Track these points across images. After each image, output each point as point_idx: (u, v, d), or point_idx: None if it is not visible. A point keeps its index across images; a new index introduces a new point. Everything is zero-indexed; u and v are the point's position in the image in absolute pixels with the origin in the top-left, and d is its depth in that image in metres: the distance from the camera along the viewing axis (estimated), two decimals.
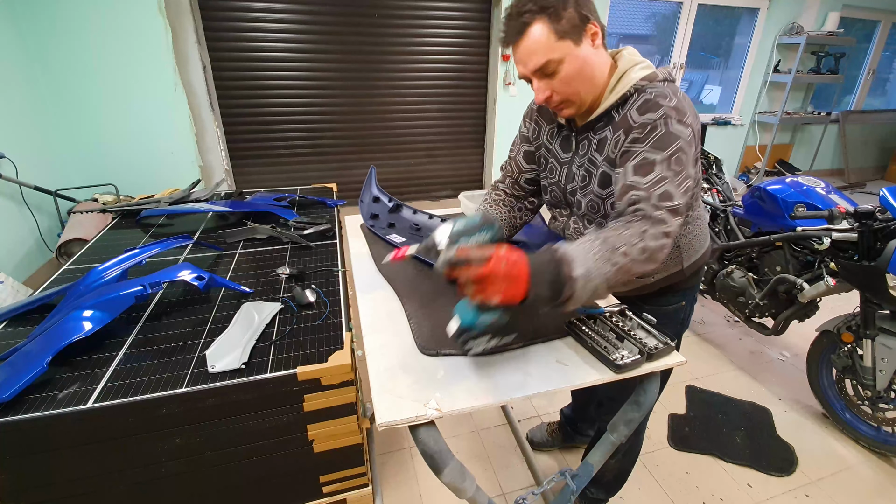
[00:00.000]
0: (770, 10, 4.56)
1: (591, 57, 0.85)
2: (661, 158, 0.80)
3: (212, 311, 0.94)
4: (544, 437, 1.67)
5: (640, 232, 0.76)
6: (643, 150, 0.82)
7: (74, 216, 2.51)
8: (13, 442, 0.67)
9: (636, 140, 0.83)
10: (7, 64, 2.56)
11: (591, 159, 0.93)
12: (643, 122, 0.83)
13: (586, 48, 0.84)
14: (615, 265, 0.73)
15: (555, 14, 0.79)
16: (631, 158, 0.83)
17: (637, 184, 0.80)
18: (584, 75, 0.85)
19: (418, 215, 1.40)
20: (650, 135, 0.82)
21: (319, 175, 3.92)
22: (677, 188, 0.80)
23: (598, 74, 0.87)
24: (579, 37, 0.82)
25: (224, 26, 3.24)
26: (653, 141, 0.81)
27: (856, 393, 1.67)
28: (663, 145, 0.80)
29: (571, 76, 0.84)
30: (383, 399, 0.72)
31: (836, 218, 1.55)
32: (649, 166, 0.80)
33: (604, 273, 0.73)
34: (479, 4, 3.77)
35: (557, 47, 0.81)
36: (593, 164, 0.93)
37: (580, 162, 0.96)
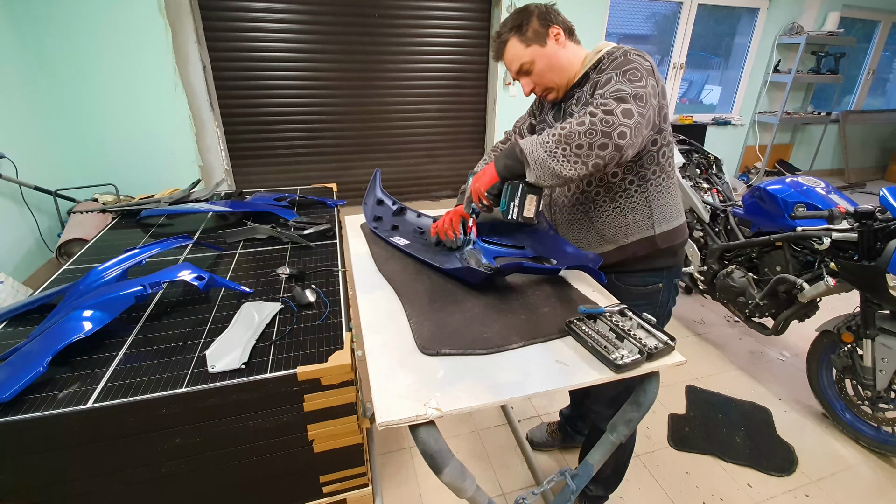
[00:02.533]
0: (770, 10, 4.56)
1: (558, 51, 1.06)
2: (617, 74, 0.92)
3: (212, 311, 0.94)
4: (544, 437, 1.67)
5: (583, 112, 0.87)
6: (604, 74, 0.96)
7: (74, 216, 2.51)
8: (13, 442, 0.67)
9: (601, 71, 0.99)
10: (7, 64, 2.56)
11: (571, 113, 1.09)
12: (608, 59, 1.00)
13: (551, 47, 1.05)
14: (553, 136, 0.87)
15: (519, 29, 1.05)
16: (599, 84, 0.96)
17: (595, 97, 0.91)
18: (554, 67, 1.06)
19: (422, 218, 1.40)
20: (611, 63, 0.97)
21: (319, 175, 3.91)
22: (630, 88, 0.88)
23: (567, 63, 1.07)
24: (543, 40, 1.05)
25: (224, 26, 3.24)
26: (611, 66, 0.96)
27: (856, 393, 1.67)
28: (620, 66, 0.94)
29: (543, 70, 1.07)
30: (383, 399, 0.72)
31: (836, 218, 1.55)
32: (606, 82, 0.93)
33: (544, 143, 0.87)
34: (479, 4, 3.77)
35: (527, 52, 1.05)
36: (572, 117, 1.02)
37: None
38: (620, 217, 1.09)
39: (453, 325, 0.90)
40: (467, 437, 1.72)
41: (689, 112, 4.90)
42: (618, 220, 1.09)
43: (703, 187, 2.34)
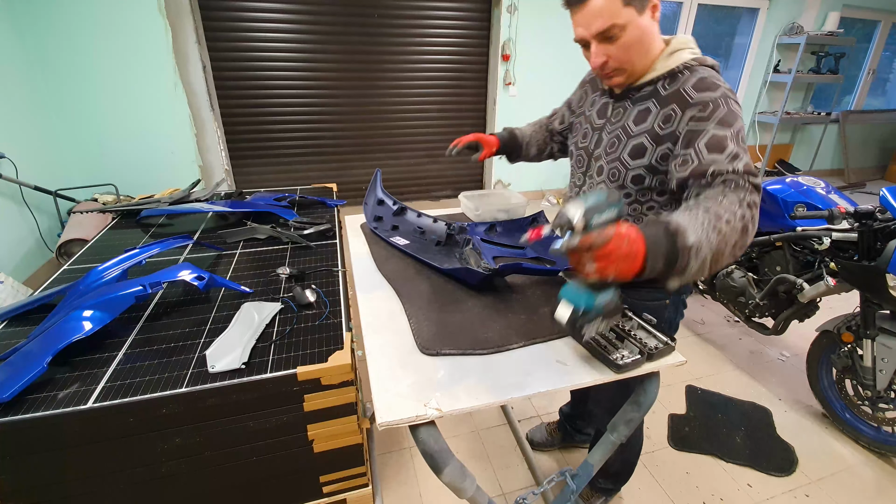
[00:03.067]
0: (770, 10, 4.56)
1: (649, 28, 0.87)
2: (731, 135, 0.80)
3: (212, 311, 0.94)
4: (544, 436, 1.67)
5: (739, 199, 0.75)
6: (711, 127, 0.81)
7: (74, 216, 2.51)
8: (13, 442, 0.67)
9: (700, 119, 0.82)
10: (7, 64, 2.56)
11: (625, 128, 0.94)
12: (703, 100, 0.83)
13: (647, 19, 0.85)
14: (720, 234, 0.71)
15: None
16: (700, 137, 0.82)
17: (716, 160, 0.79)
18: (641, 44, 0.87)
19: (422, 218, 1.40)
20: (714, 112, 0.81)
21: (319, 175, 3.92)
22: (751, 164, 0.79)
23: (652, 46, 0.89)
24: (643, 6, 0.84)
25: (224, 26, 3.24)
26: (718, 119, 0.81)
27: (856, 393, 1.67)
28: (728, 122, 0.81)
29: (630, 43, 0.85)
30: (383, 399, 0.72)
31: (836, 218, 1.55)
32: (722, 142, 0.80)
33: (711, 242, 0.70)
34: (479, 4, 3.77)
35: (623, 13, 0.82)
36: (626, 133, 0.94)
37: (611, 129, 0.98)
38: None
39: (453, 326, 0.90)
40: (467, 437, 1.72)
41: None
42: None
43: None
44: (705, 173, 0.80)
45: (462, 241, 1.24)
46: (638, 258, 0.66)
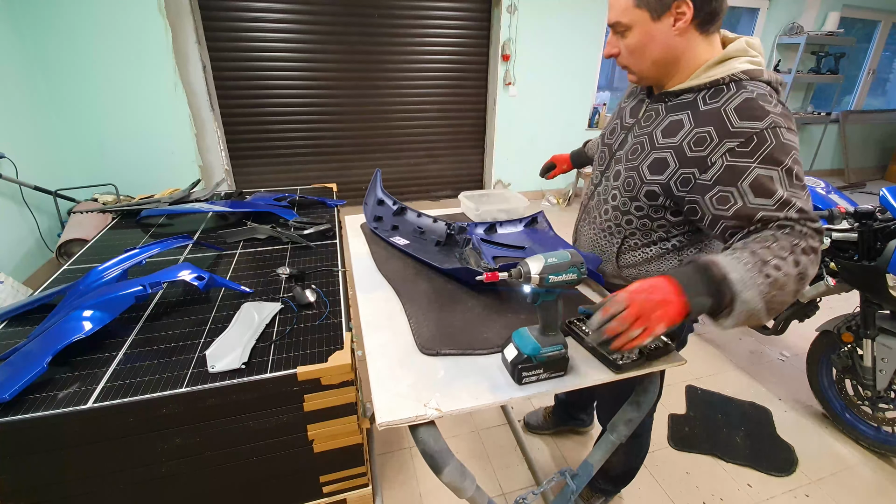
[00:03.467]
0: (770, 10, 4.56)
1: (665, 37, 0.78)
2: (779, 176, 0.71)
3: (212, 311, 0.94)
4: (539, 420, 1.72)
5: (792, 244, 0.69)
6: (755, 166, 0.72)
7: (74, 216, 2.51)
8: (13, 442, 0.67)
9: (742, 154, 0.73)
10: (7, 64, 2.56)
11: (651, 136, 0.86)
12: (747, 131, 0.73)
13: (664, 26, 0.77)
14: (769, 278, 0.65)
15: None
16: (743, 177, 0.73)
17: (764, 205, 0.72)
18: (648, 52, 0.80)
19: (422, 218, 1.40)
20: (759, 148, 0.72)
21: (319, 175, 3.92)
22: (807, 204, 0.72)
23: (670, 58, 0.81)
24: (660, 12, 0.76)
25: (224, 26, 3.24)
26: (764, 156, 0.72)
27: (856, 393, 1.67)
28: (777, 160, 0.71)
29: (634, 47, 0.81)
30: (383, 399, 0.72)
31: (836, 218, 1.55)
32: (768, 185, 0.72)
33: (758, 284, 0.65)
34: (479, 4, 3.77)
35: (631, 13, 0.78)
36: (651, 143, 0.86)
37: (638, 132, 0.91)
38: (645, 263, 0.96)
39: (453, 325, 0.90)
40: (467, 437, 1.72)
41: None
42: (641, 264, 0.97)
43: None
44: (752, 218, 0.73)
45: (462, 241, 1.24)
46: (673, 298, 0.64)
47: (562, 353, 0.77)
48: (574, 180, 4.47)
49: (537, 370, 0.76)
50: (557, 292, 0.75)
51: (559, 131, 4.35)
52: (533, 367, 0.75)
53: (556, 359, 0.76)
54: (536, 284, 0.72)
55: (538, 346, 0.75)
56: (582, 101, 4.32)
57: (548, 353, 0.75)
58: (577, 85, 4.22)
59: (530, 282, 0.72)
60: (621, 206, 0.94)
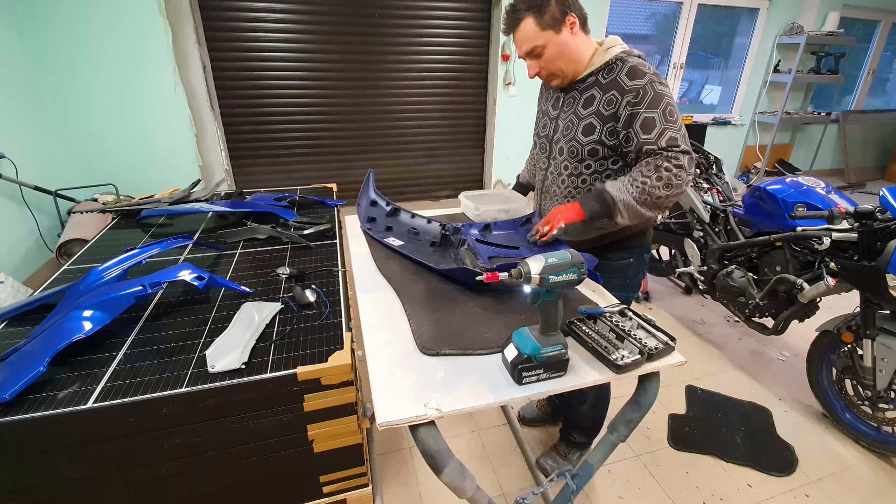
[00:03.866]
0: (770, 10, 4.56)
1: (570, 41, 1.09)
2: (658, 115, 1.03)
3: (212, 311, 0.94)
4: (534, 412, 1.75)
5: (656, 165, 1.02)
6: (642, 111, 1.04)
7: (74, 216, 2.51)
8: (13, 442, 0.67)
9: (634, 104, 1.04)
10: (7, 64, 2.56)
11: (576, 113, 1.15)
12: (634, 87, 1.04)
13: (565, 35, 1.08)
14: (638, 188, 1.03)
15: (539, 10, 1.05)
16: (635, 121, 1.05)
17: (647, 140, 1.04)
18: (564, 55, 1.10)
19: (416, 219, 1.40)
20: (643, 98, 1.03)
21: (319, 175, 3.91)
22: (678, 133, 1.03)
23: (577, 54, 1.11)
24: (559, 27, 1.07)
25: (224, 26, 3.24)
26: (647, 102, 1.03)
27: (856, 393, 1.67)
28: (655, 104, 1.03)
29: (553, 57, 1.10)
30: (383, 399, 0.72)
31: (836, 218, 1.55)
32: (651, 122, 1.03)
33: (629, 191, 1.04)
34: (479, 4, 3.77)
35: (541, 36, 1.07)
36: (577, 117, 1.14)
37: (565, 116, 1.19)
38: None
39: (453, 326, 0.90)
40: (467, 437, 1.72)
41: (689, 112, 4.90)
42: None
43: (703, 187, 2.33)
44: (641, 149, 1.05)
45: (457, 242, 1.24)
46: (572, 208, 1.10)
47: (562, 353, 0.77)
48: None
49: (537, 370, 0.76)
50: (558, 292, 0.75)
51: None
52: (533, 367, 0.75)
53: (556, 359, 0.76)
54: (537, 284, 0.72)
55: (538, 346, 0.75)
56: None
57: (548, 353, 0.75)
58: None
59: (531, 282, 0.72)
60: (574, 172, 1.19)
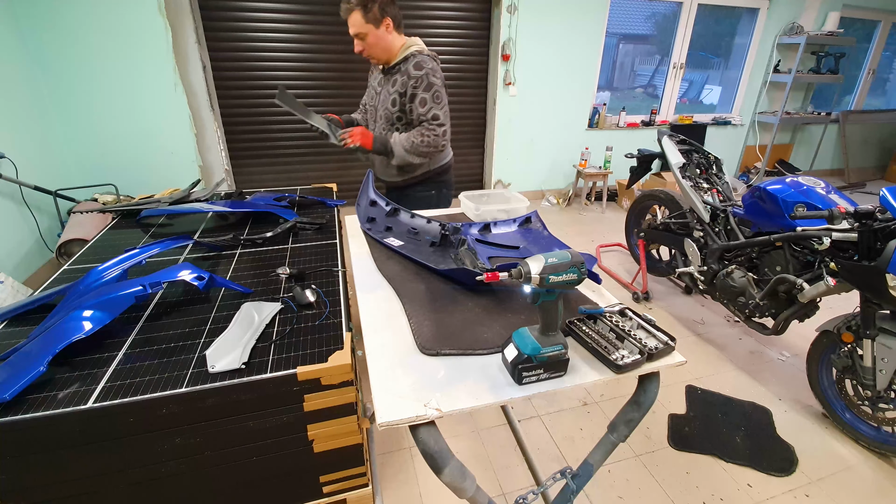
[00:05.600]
0: (770, 10, 4.56)
1: (385, 36, 1.57)
2: (429, 96, 1.57)
3: (212, 311, 0.94)
4: None
5: (419, 133, 1.60)
6: (419, 92, 1.56)
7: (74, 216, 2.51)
8: (13, 442, 0.67)
9: (415, 87, 1.56)
10: (7, 64, 2.56)
11: (388, 91, 1.64)
12: (416, 75, 1.55)
13: (382, 31, 1.55)
14: (403, 146, 1.62)
15: (365, 7, 1.49)
16: (415, 99, 1.57)
17: (421, 114, 1.58)
18: (379, 45, 1.57)
19: (416, 219, 1.40)
20: (420, 83, 1.55)
21: (319, 175, 3.92)
22: (441, 110, 1.60)
23: (389, 47, 1.59)
24: (378, 24, 1.53)
25: (224, 26, 3.24)
26: (423, 87, 1.55)
27: (856, 393, 1.67)
28: (428, 89, 1.56)
29: (371, 44, 1.56)
30: (383, 399, 0.72)
31: (836, 218, 1.55)
32: (423, 101, 1.57)
33: (401, 145, 1.62)
34: (479, 4, 3.77)
35: (364, 27, 1.52)
36: (388, 93, 1.64)
37: (381, 91, 1.68)
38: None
39: (453, 325, 0.90)
40: (467, 437, 1.72)
41: (689, 112, 4.90)
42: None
43: (703, 187, 2.33)
44: (418, 119, 1.59)
45: (457, 242, 1.24)
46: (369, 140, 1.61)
47: (562, 354, 0.77)
48: (574, 180, 4.47)
49: (537, 370, 0.76)
50: (558, 292, 0.75)
51: (559, 131, 4.35)
52: (533, 367, 0.75)
53: (556, 359, 0.76)
54: (537, 284, 0.72)
55: (538, 346, 0.75)
56: (582, 101, 4.32)
57: (548, 353, 0.75)
58: (576, 85, 4.22)
59: (531, 282, 0.72)
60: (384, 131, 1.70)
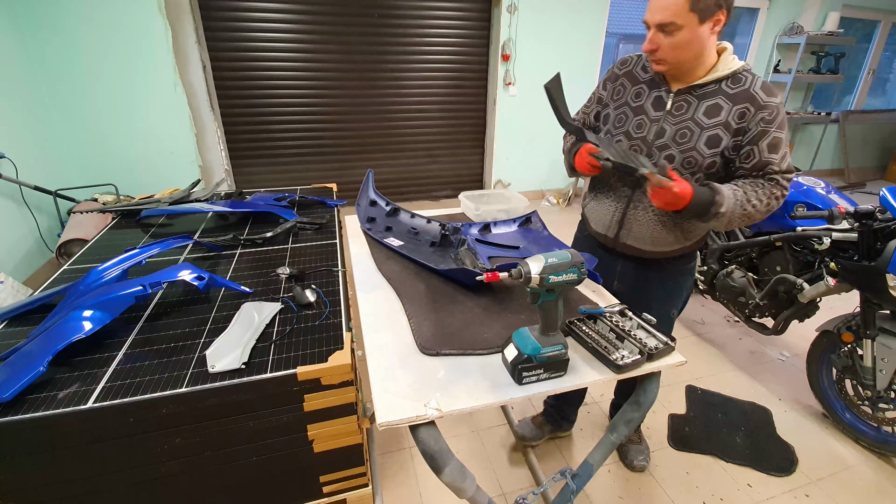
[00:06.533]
0: (770, 10, 4.56)
1: (705, 38, 0.98)
2: (784, 139, 1.04)
3: (212, 311, 0.94)
4: (532, 430, 1.67)
5: (771, 193, 1.04)
6: (773, 130, 1.01)
7: (74, 216, 2.51)
8: (13, 442, 0.67)
9: (768, 122, 1.01)
10: (7, 64, 2.56)
11: (696, 121, 1.05)
12: (771, 104, 1.01)
13: (706, 29, 0.96)
14: (745, 211, 1.03)
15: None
16: (764, 138, 1.02)
17: (772, 160, 1.03)
18: (691, 48, 0.99)
19: (416, 219, 1.40)
20: (776, 118, 1.01)
21: (319, 175, 3.92)
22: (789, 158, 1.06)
23: (704, 53, 1.01)
24: (706, 17, 0.95)
25: (224, 26, 3.24)
26: (778, 123, 1.02)
27: (856, 393, 1.67)
28: (783, 127, 1.03)
29: (680, 44, 0.97)
30: (383, 399, 0.72)
31: (836, 218, 1.55)
32: (777, 144, 1.03)
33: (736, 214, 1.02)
34: (479, 4, 3.77)
35: (685, 16, 0.94)
36: (697, 125, 1.05)
37: (675, 121, 1.08)
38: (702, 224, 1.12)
39: (453, 326, 0.90)
40: (467, 437, 1.72)
41: None
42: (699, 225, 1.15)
43: None
44: (764, 168, 1.03)
45: (457, 242, 1.24)
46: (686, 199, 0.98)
47: (562, 354, 0.77)
48: (574, 180, 4.47)
49: (537, 370, 0.76)
50: (558, 292, 0.75)
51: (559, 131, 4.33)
52: (533, 367, 0.75)
53: (556, 359, 0.76)
54: (537, 285, 0.72)
55: (538, 346, 0.75)
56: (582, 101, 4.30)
57: (548, 353, 0.75)
58: (576, 85, 4.21)
59: (531, 282, 0.72)
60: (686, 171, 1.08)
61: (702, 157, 1.05)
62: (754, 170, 1.04)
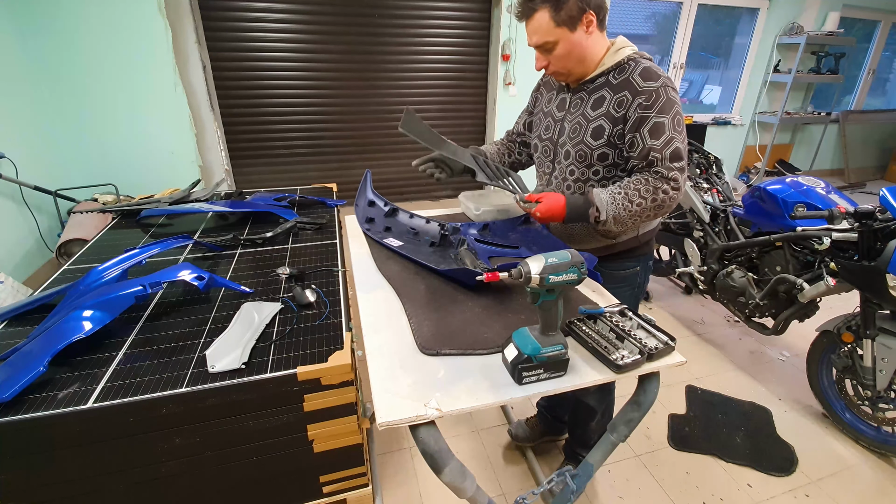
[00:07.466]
0: (770, 10, 4.56)
1: (583, 41, 1.04)
2: (668, 122, 1.00)
3: (212, 311, 0.94)
4: (525, 431, 1.67)
5: (655, 188, 1.02)
6: (652, 115, 1.00)
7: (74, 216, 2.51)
8: (13, 442, 0.67)
9: (646, 107, 1.00)
10: (7, 63, 2.56)
11: (584, 115, 1.10)
12: (648, 89, 1.00)
13: (580, 34, 1.02)
14: (634, 210, 1.03)
15: (556, 5, 0.98)
16: (644, 124, 1.01)
17: (653, 146, 1.01)
18: (573, 55, 1.05)
19: (415, 219, 1.40)
20: (656, 101, 1.00)
21: (319, 175, 3.91)
22: (682, 144, 1.03)
23: (588, 55, 1.06)
24: (574, 25, 1.01)
25: (224, 26, 3.24)
26: (659, 108, 1.00)
27: (856, 393, 1.67)
28: (667, 109, 1.00)
29: (563, 55, 1.05)
30: (383, 399, 0.72)
31: (836, 218, 1.55)
32: (660, 128, 1.00)
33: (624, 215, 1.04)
34: (479, 4, 3.76)
35: (554, 32, 1.01)
36: (585, 119, 1.10)
37: (571, 118, 1.14)
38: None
39: (453, 325, 0.90)
40: (467, 437, 1.72)
41: (689, 112, 4.90)
42: None
43: (703, 187, 2.33)
44: (647, 155, 1.02)
45: (456, 242, 1.24)
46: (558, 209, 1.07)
47: (562, 353, 0.77)
48: None
49: (537, 370, 0.76)
50: (558, 292, 0.75)
51: None
52: (533, 367, 0.75)
53: (556, 359, 0.76)
54: (537, 284, 0.72)
55: (538, 346, 0.75)
56: None
57: (548, 353, 0.75)
58: None
59: (531, 282, 0.72)
60: (581, 177, 1.15)
61: (590, 150, 1.10)
62: (641, 159, 1.04)
